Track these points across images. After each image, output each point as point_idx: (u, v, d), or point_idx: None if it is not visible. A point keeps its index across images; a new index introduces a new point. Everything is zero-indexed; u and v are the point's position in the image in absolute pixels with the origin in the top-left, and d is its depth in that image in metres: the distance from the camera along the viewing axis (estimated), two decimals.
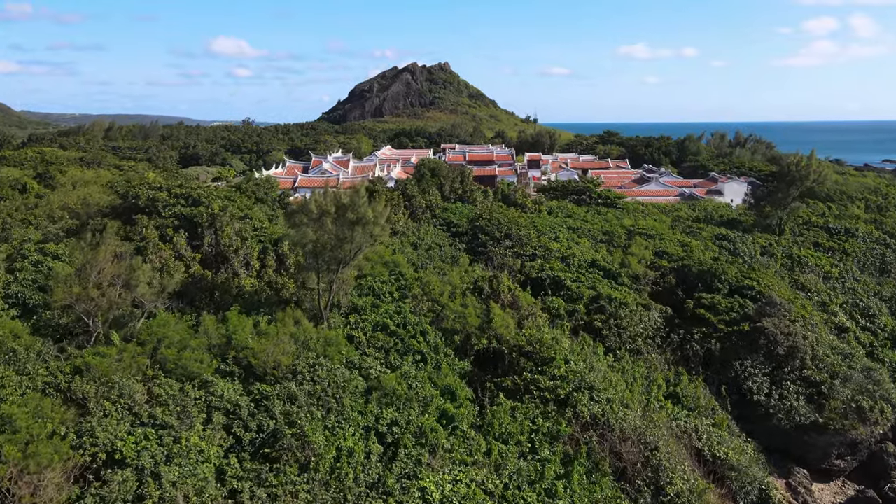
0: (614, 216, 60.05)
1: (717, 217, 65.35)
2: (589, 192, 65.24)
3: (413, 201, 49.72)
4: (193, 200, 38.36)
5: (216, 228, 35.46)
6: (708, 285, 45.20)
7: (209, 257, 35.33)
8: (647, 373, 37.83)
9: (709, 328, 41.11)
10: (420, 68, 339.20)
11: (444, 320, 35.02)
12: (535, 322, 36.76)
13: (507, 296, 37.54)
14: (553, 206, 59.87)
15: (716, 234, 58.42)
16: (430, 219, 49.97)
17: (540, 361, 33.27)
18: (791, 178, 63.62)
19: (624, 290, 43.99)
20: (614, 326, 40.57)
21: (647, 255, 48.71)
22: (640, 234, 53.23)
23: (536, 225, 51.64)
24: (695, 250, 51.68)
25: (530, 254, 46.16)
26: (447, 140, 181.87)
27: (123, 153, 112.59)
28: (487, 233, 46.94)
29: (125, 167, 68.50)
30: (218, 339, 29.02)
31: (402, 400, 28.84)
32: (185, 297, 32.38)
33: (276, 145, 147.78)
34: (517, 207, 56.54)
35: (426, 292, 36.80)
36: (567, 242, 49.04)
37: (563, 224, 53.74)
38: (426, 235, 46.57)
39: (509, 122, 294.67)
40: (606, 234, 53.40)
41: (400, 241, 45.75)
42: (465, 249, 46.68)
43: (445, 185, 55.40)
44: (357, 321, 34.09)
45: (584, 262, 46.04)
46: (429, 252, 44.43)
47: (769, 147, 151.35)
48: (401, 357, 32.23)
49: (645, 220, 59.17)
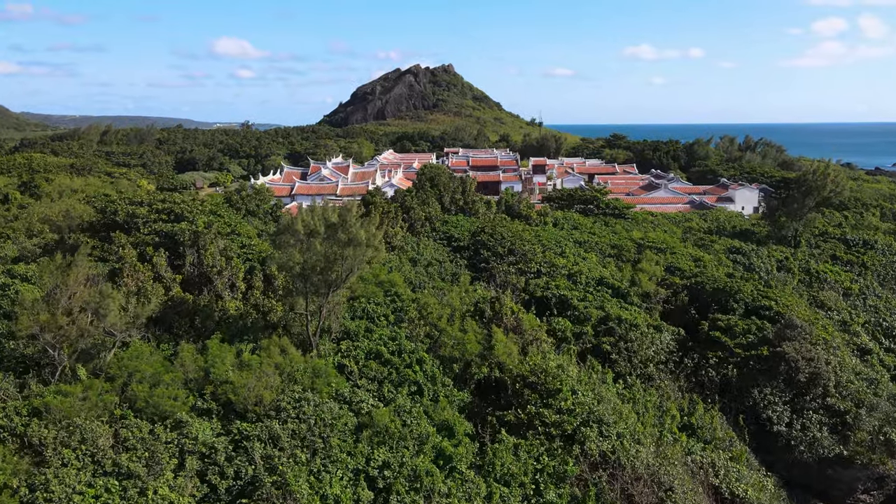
0: (623, 228, 57.60)
1: (729, 228, 62.83)
2: (596, 202, 62.75)
3: (412, 214, 47.31)
4: (176, 216, 36.11)
5: (199, 247, 33.17)
6: (723, 305, 42.77)
7: (191, 278, 33.08)
8: (660, 401, 35.46)
9: (725, 352, 38.66)
10: (423, 70, 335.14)
11: (443, 347, 32.68)
12: (539, 348, 34.40)
13: (509, 319, 35.18)
14: (559, 217, 57.44)
15: (729, 247, 55.92)
16: (429, 232, 47.60)
17: (545, 393, 30.88)
18: (807, 188, 61.06)
19: (634, 310, 41.59)
20: (624, 350, 38.21)
21: (658, 271, 46.27)
22: (650, 247, 50.78)
23: (541, 239, 49.27)
24: (708, 266, 49.24)
25: (535, 271, 43.80)
26: (450, 144, 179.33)
27: (117, 159, 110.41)
28: (490, 248, 44.57)
29: (116, 174, 66.51)
30: (195, 372, 26.74)
31: (396, 438, 26.54)
32: (163, 324, 30.13)
33: (275, 149, 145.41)
34: (521, 219, 54.14)
35: (423, 316, 34.47)
36: (574, 258, 46.65)
37: (570, 237, 51.33)
38: (425, 250, 44.25)
39: (514, 125, 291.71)
40: (615, 247, 50.97)
41: (398, 256, 43.45)
42: (467, 266, 44.36)
43: (446, 195, 52.88)
44: (349, 348, 31.79)
45: (591, 280, 43.65)
46: (428, 269, 42.12)
47: (780, 151, 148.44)
48: (395, 388, 29.94)
49: (655, 233, 56.71)
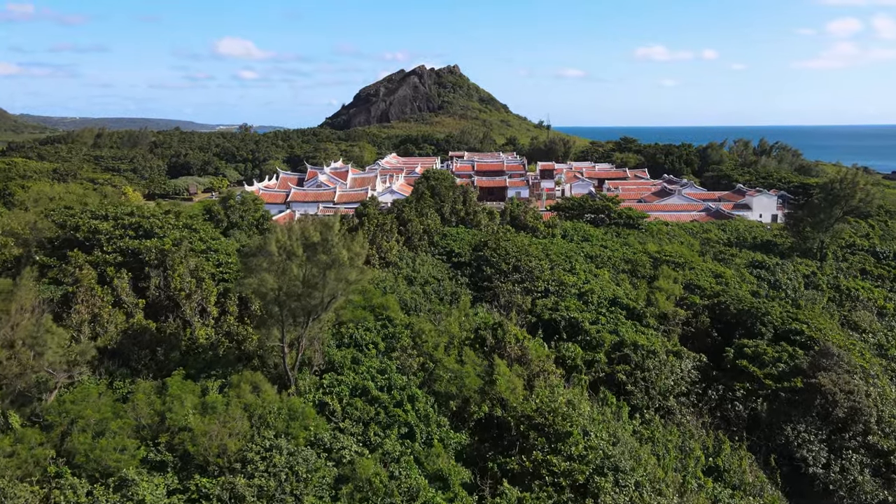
0: (637, 240, 53.79)
1: (750, 239, 58.92)
2: (608, 212, 58.96)
3: (409, 226, 43.69)
4: (145, 232, 32.62)
5: (166, 267, 29.65)
6: (748, 328, 38.97)
7: (157, 303, 29.55)
8: (682, 440, 31.72)
9: (753, 383, 34.85)
10: (428, 71, 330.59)
11: (438, 381, 29.05)
12: (547, 381, 30.71)
13: (513, 348, 31.52)
14: (568, 229, 53.68)
15: (751, 261, 52.06)
16: (427, 247, 43.96)
17: (553, 436, 27.19)
18: (834, 197, 57.04)
19: (651, 334, 37.87)
20: (641, 380, 34.49)
21: (677, 289, 42.47)
22: (667, 262, 46.97)
23: (549, 253, 45.55)
24: (730, 283, 45.41)
25: (542, 289, 40.12)
26: (455, 147, 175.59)
27: (107, 163, 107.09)
28: (493, 265, 40.88)
29: (100, 181, 63.31)
30: (150, 416, 23.21)
31: (381, 495, 22.97)
32: (121, 356, 26.60)
33: (273, 153, 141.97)
34: (527, 231, 50.44)
35: (417, 344, 30.87)
36: (584, 274, 42.91)
37: (580, 251, 47.58)
38: (422, 267, 40.62)
39: (521, 128, 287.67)
40: (629, 262, 47.19)
41: (393, 274, 39.84)
42: (468, 284, 40.70)
43: (446, 206, 49.20)
44: (332, 383, 28.20)
45: (604, 300, 39.92)
46: (424, 288, 38.50)
47: (796, 155, 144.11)
48: (383, 431, 26.35)
49: (671, 245, 52.88)
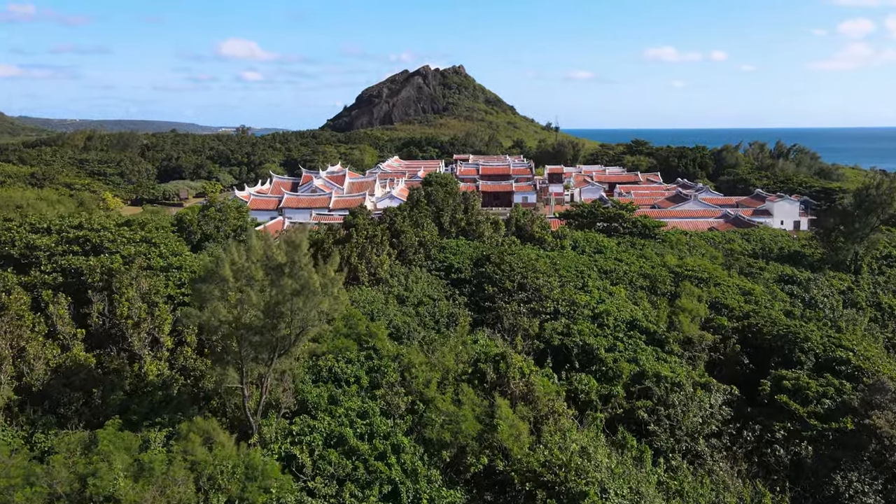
0: (654, 251, 49.20)
1: (776, 250, 54.24)
2: (622, 220, 54.42)
3: (402, 238, 39.30)
4: (93, 247, 28.34)
5: (112, 290, 25.37)
6: (785, 356, 34.40)
7: (100, 332, 25.26)
8: (715, 494, 27.18)
9: (795, 422, 30.22)
10: (433, 72, 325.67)
11: (429, 426, 24.64)
12: (557, 425, 26.23)
13: (518, 384, 27.07)
14: (578, 239, 49.14)
15: (780, 275, 47.42)
16: (423, 261, 39.54)
17: (566, 496, 22.75)
18: (870, 204, 52.30)
19: (674, 362, 33.35)
20: (665, 418, 29.96)
21: (702, 309, 37.91)
22: (689, 277, 42.43)
23: (559, 267, 41.06)
24: (760, 301, 40.80)
25: (551, 311, 35.65)
26: (460, 150, 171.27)
27: (92, 167, 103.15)
28: (496, 282, 36.42)
29: (77, 186, 59.38)
30: (69, 482, 18.86)
31: None
32: (49, 400, 22.31)
33: (270, 156, 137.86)
34: (534, 243, 45.96)
35: (406, 380, 26.47)
36: (598, 293, 38.39)
37: (593, 265, 43.05)
38: (416, 285, 36.21)
39: (528, 130, 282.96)
40: (647, 277, 42.62)
41: (383, 293, 35.47)
42: (467, 304, 36.27)
43: (445, 214, 44.75)
44: (304, 429, 23.83)
45: (620, 322, 35.42)
46: (418, 309, 34.09)
47: (814, 158, 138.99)
48: (362, 491, 21.97)
49: (693, 258, 48.28)
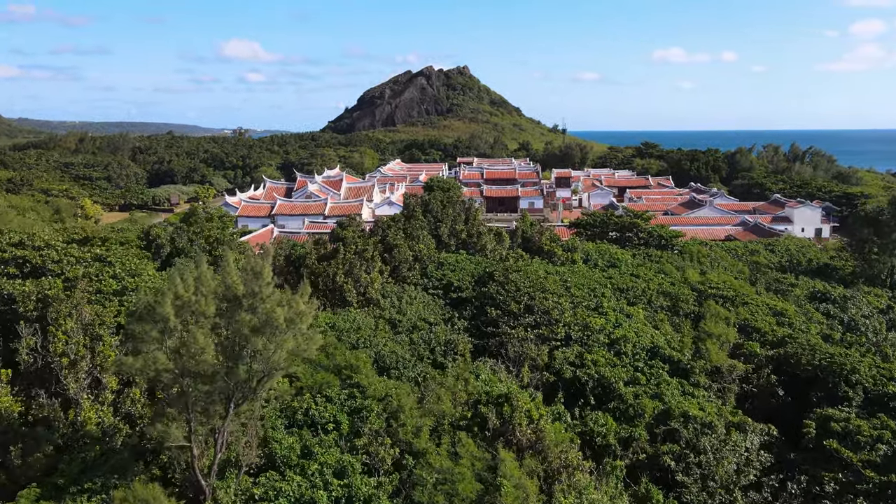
0: (673, 265, 45.09)
1: (804, 263, 50.05)
2: (636, 230, 50.31)
3: (396, 253, 35.35)
4: (34, 268, 24.50)
5: (46, 322, 21.52)
6: (829, 389, 30.27)
7: (32, 372, 21.40)
8: None
9: (847, 472, 26.12)
10: (437, 72, 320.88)
11: (419, 487, 20.69)
12: (570, 480, 22.24)
13: (525, 432, 23.08)
14: (590, 252, 45.04)
15: (812, 292, 43.29)
16: (418, 278, 35.55)
17: None
18: None
19: (702, 397, 29.35)
20: (695, 466, 25.96)
21: (731, 334, 33.84)
22: (714, 296, 38.34)
23: (569, 284, 37.03)
24: (794, 322, 36.69)
25: (562, 337, 31.64)
26: (464, 153, 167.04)
27: (77, 171, 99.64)
28: (500, 304, 32.40)
29: (55, 192, 55.69)
30: None
31: None
32: None
33: (267, 160, 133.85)
34: (543, 256, 41.90)
35: (393, 428, 22.52)
36: (614, 315, 34.35)
37: (607, 282, 38.98)
38: (410, 307, 32.24)
39: (534, 132, 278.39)
40: (667, 296, 38.53)
41: (373, 316, 31.52)
42: (468, 328, 32.26)
43: (443, 226, 40.71)
44: (267, 493, 19.91)
45: (640, 350, 31.39)
46: (412, 336, 30.12)
47: (831, 161, 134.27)
48: None
49: (715, 272, 44.16)
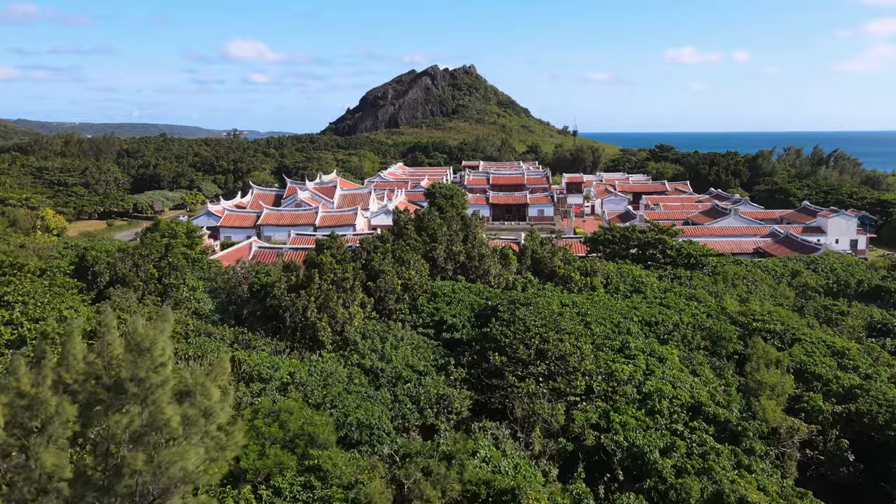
0: (706, 290, 39.04)
1: (853, 284, 43.87)
2: (662, 246, 44.26)
3: (381, 282, 29.55)
4: None
5: None
6: None
7: None
8: None
9: None
10: (441, 72, 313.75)
11: None
12: None
13: None
14: (611, 274, 38.99)
15: (870, 322, 37.18)
16: (407, 313, 29.69)
17: None
18: None
19: (759, 469, 23.41)
20: None
21: (787, 383, 27.86)
22: (760, 330, 32.35)
23: (589, 318, 31.11)
24: (860, 365, 30.60)
25: (581, 390, 25.70)
26: (470, 156, 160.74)
27: (51, 176, 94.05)
28: (505, 349, 26.47)
29: (13, 202, 50.25)
30: None
31: None
32: None
33: (260, 163, 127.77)
34: (556, 281, 35.97)
35: None
36: (644, 358, 28.41)
37: (633, 314, 32.99)
38: (396, 351, 26.38)
39: (543, 134, 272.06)
40: (703, 331, 32.50)
41: (349, 363, 25.70)
42: (466, 378, 26.35)
43: (439, 246, 34.77)
44: None
45: (678, 407, 25.45)
46: (396, 391, 24.29)
47: (856, 165, 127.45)
48: None
49: (756, 298, 38.12)
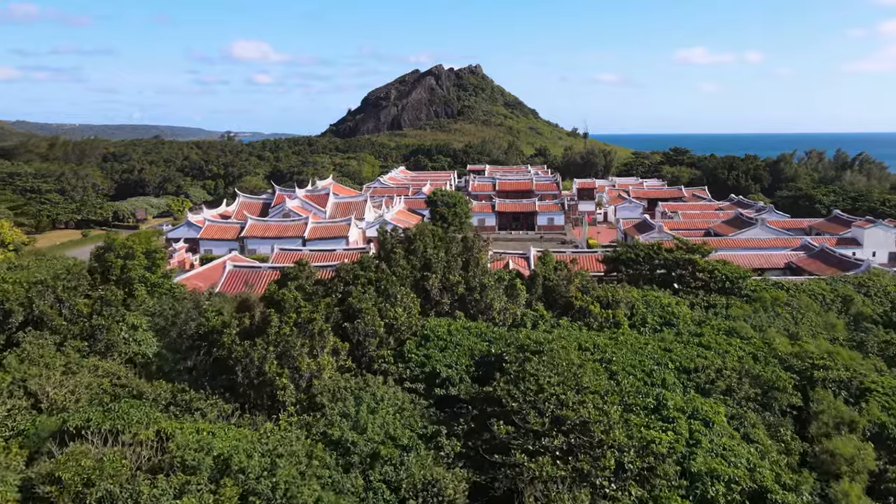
0: (747, 322, 33.28)
1: None
2: (692, 268, 38.50)
3: (360, 323, 24.00)
4: None
5: None
6: None
7: None
8: None
9: None
10: (446, 72, 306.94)
11: None
12: None
13: None
14: (636, 303, 33.20)
15: None
16: (391, 362, 24.13)
17: None
18: None
19: None
20: None
21: (868, 456, 22.17)
22: (822, 379, 26.63)
23: (614, 367, 25.44)
24: None
25: (610, 471, 20.02)
26: (475, 159, 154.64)
27: (24, 183, 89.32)
28: (512, 416, 20.81)
29: None
30: None
31: None
32: None
33: (253, 167, 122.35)
34: (573, 316, 30.27)
35: None
36: (685, 422, 22.71)
37: (666, 358, 27.26)
38: (373, 418, 20.73)
39: (552, 136, 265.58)
40: (752, 379, 26.72)
41: (313, 435, 20.14)
42: (462, 453, 20.72)
43: (433, 276, 29.10)
44: None
45: (737, 494, 19.78)
46: (369, 475, 18.70)
47: (882, 169, 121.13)
48: None
49: (807, 333, 32.37)
